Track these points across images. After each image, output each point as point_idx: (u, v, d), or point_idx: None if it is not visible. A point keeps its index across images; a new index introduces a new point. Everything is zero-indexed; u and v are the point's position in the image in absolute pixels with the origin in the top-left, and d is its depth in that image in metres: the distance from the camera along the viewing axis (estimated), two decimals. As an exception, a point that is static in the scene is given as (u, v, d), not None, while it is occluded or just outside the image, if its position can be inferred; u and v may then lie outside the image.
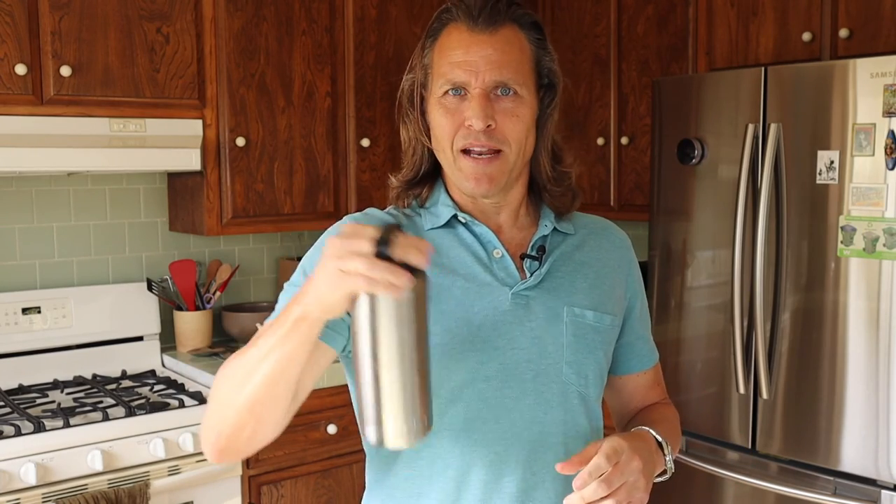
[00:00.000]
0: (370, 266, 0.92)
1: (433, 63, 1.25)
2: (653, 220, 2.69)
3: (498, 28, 1.21)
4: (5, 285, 2.73)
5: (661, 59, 2.93)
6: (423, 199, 1.32)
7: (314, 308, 0.99)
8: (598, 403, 1.32)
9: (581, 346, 1.26)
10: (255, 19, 2.77)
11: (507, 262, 1.27)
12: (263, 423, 1.10)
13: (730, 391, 2.46)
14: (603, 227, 1.39)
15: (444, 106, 1.23)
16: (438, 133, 1.24)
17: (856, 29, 2.40)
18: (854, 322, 2.20)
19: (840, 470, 2.23)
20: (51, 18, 2.41)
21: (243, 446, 1.13)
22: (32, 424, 2.23)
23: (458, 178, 1.25)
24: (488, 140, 1.20)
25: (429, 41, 1.27)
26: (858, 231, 2.16)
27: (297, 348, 1.03)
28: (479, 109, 1.19)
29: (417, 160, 1.30)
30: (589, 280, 1.31)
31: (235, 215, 2.78)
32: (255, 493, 2.57)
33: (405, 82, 1.31)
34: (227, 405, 1.10)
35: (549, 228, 1.30)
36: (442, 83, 1.22)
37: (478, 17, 1.21)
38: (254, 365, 1.05)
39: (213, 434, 1.13)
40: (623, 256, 1.38)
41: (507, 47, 1.21)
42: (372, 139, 3.01)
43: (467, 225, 1.29)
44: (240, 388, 1.07)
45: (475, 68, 1.20)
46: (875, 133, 2.12)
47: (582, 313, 1.27)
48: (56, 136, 2.41)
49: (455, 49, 1.22)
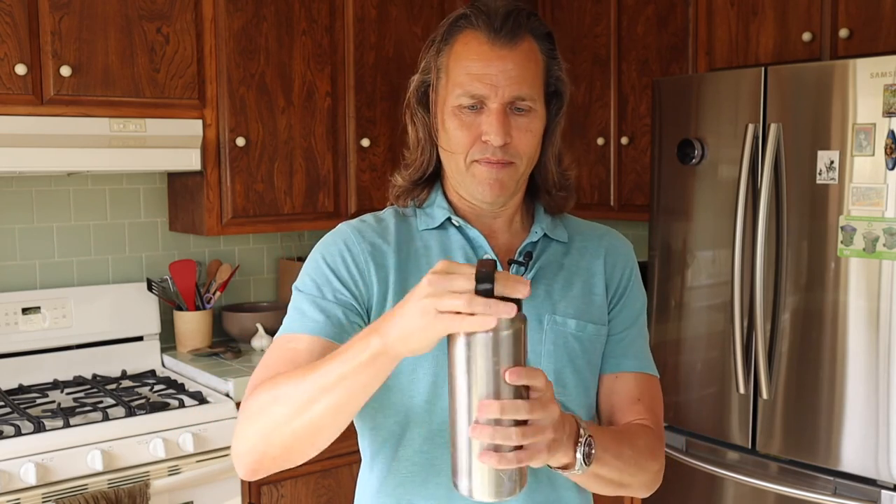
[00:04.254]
0: (470, 304, 0.88)
1: (448, 68, 1.24)
2: (653, 220, 2.69)
3: (517, 43, 1.20)
4: (5, 285, 2.73)
5: (661, 59, 2.93)
6: (422, 199, 1.32)
7: (399, 345, 0.95)
8: (583, 412, 1.28)
9: (560, 355, 1.25)
10: (255, 19, 2.77)
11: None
12: (315, 448, 1.07)
13: (730, 391, 2.46)
14: (601, 233, 1.38)
15: (461, 118, 1.22)
16: (453, 143, 1.23)
17: (856, 29, 2.40)
18: (854, 322, 2.20)
19: (840, 470, 2.23)
20: (51, 18, 2.41)
21: (284, 465, 1.10)
22: (32, 424, 2.23)
23: (469, 183, 1.24)
24: (504, 155, 1.21)
25: (444, 44, 1.25)
26: (858, 231, 2.16)
27: (371, 382, 0.99)
28: (498, 126, 1.19)
29: (425, 161, 1.30)
30: (576, 288, 1.29)
31: (235, 215, 2.78)
32: (255, 493, 2.57)
33: (416, 81, 1.29)
34: (278, 429, 1.05)
35: (538, 235, 1.30)
36: (459, 93, 1.21)
37: (500, 29, 1.19)
38: (319, 392, 1.01)
39: (256, 454, 1.09)
40: (616, 262, 1.34)
41: (525, 62, 1.21)
42: (372, 139, 3.01)
43: (460, 228, 1.29)
44: (298, 413, 1.03)
45: (494, 83, 1.19)
46: (875, 133, 2.12)
47: (564, 321, 1.26)
48: (56, 136, 2.41)
49: (474, 60, 1.20)
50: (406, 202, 1.33)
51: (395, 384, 1.22)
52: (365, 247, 1.26)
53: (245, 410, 1.10)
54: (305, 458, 1.10)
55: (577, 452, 1.07)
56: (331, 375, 1.00)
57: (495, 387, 0.93)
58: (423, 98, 1.28)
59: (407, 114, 1.31)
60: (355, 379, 0.99)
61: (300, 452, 1.08)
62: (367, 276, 1.23)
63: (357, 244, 1.26)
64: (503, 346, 0.93)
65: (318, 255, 1.26)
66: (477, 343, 0.92)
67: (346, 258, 1.24)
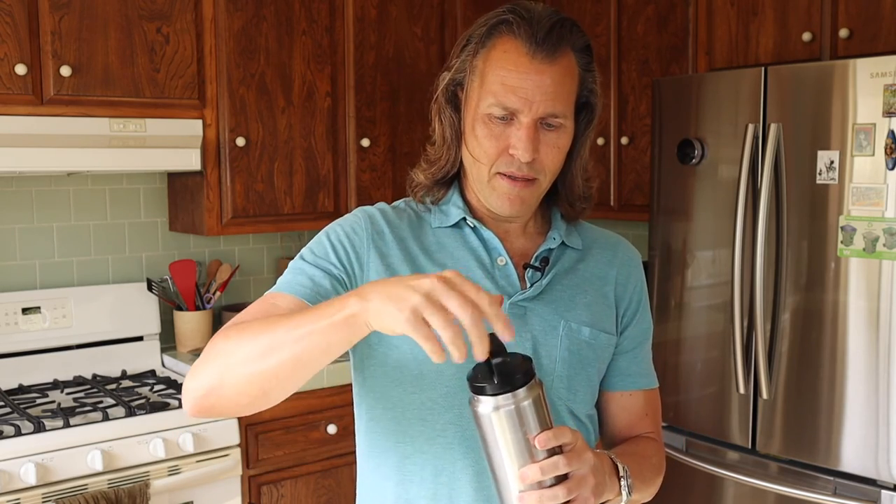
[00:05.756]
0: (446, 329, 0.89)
1: (482, 71, 1.20)
2: (653, 220, 2.69)
3: (557, 57, 1.17)
4: (5, 285, 2.73)
5: (661, 59, 2.93)
6: (439, 197, 1.31)
7: (373, 316, 0.94)
8: (589, 420, 1.30)
9: (574, 362, 1.25)
10: (255, 19, 2.77)
11: (509, 270, 1.26)
12: (264, 398, 1.05)
13: (730, 391, 2.46)
14: (613, 242, 1.37)
15: (489, 128, 1.19)
16: (478, 152, 1.21)
17: (856, 29, 2.40)
18: (854, 322, 2.19)
19: (840, 470, 2.23)
20: (51, 18, 2.41)
21: (230, 411, 1.09)
22: (32, 424, 2.23)
23: (490, 195, 1.23)
24: (529, 171, 1.20)
25: (481, 46, 1.21)
26: (858, 231, 2.16)
27: (337, 343, 0.98)
28: (528, 142, 1.17)
29: (450, 161, 1.28)
30: (589, 296, 1.29)
31: (235, 215, 2.78)
32: (255, 493, 2.57)
33: (447, 79, 1.26)
34: (235, 369, 1.04)
35: (556, 242, 1.29)
36: (491, 102, 1.18)
37: (542, 42, 1.15)
38: (285, 341, 0.99)
39: (204, 389, 1.07)
40: (629, 274, 1.35)
41: (562, 78, 1.18)
42: (372, 139, 3.01)
43: (475, 229, 1.28)
44: (260, 357, 1.01)
45: (529, 97, 1.16)
46: (875, 133, 2.12)
47: (578, 329, 1.26)
48: (56, 136, 2.41)
49: (510, 70, 1.17)
50: (423, 199, 1.32)
51: None
52: (372, 233, 1.26)
53: (208, 348, 1.08)
54: (250, 409, 1.08)
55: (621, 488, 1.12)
56: (301, 328, 0.98)
57: (530, 453, 0.99)
58: (452, 97, 1.26)
59: (434, 109, 1.28)
60: (323, 336, 0.97)
61: (249, 398, 1.05)
62: (363, 261, 1.24)
63: (365, 230, 1.26)
64: (528, 415, 0.98)
65: (325, 230, 1.28)
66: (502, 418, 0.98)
67: (351, 237, 1.25)
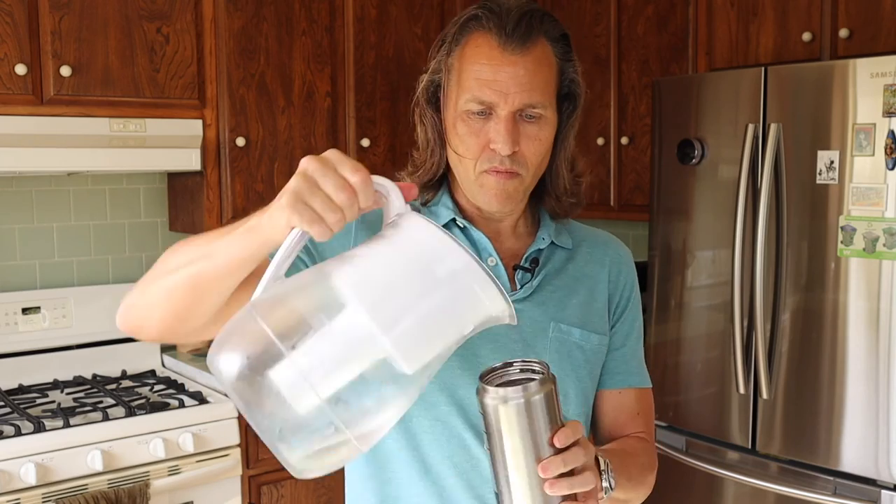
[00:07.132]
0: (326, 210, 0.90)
1: (458, 69, 1.20)
2: (653, 220, 2.69)
3: (529, 47, 1.16)
4: (5, 285, 2.73)
5: (661, 59, 2.93)
6: (428, 199, 1.31)
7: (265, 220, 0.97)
8: (582, 420, 1.27)
9: (564, 364, 1.25)
10: (255, 19, 2.77)
11: (499, 271, 1.25)
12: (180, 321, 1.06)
13: (730, 391, 2.46)
14: (604, 240, 1.37)
15: (469, 125, 1.19)
16: (461, 149, 1.21)
17: (856, 29, 2.40)
18: (854, 322, 2.19)
19: (840, 470, 2.23)
20: (51, 18, 2.41)
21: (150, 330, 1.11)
22: (32, 424, 2.23)
23: (477, 192, 1.23)
24: (511, 164, 1.19)
25: (454, 45, 1.21)
26: (858, 231, 2.16)
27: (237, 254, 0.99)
28: (506, 135, 1.16)
29: (436, 163, 1.27)
30: (581, 296, 1.29)
31: (235, 215, 2.78)
32: (255, 493, 2.57)
33: (425, 81, 1.26)
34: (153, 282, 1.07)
35: (546, 242, 1.29)
36: (468, 98, 1.18)
37: (511, 33, 1.15)
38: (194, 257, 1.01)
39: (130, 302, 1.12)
40: (620, 271, 1.34)
41: (537, 68, 1.17)
42: (372, 139, 3.01)
43: (465, 229, 1.27)
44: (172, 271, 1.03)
45: (504, 89, 1.15)
46: (875, 133, 2.12)
47: (568, 330, 1.26)
48: (56, 136, 2.41)
49: (484, 64, 1.17)
50: (412, 201, 1.32)
51: None
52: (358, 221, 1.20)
53: None
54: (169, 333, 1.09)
55: (603, 481, 1.09)
56: (210, 244, 1.00)
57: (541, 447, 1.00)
58: (432, 98, 1.26)
59: (416, 113, 1.28)
60: (226, 249, 0.98)
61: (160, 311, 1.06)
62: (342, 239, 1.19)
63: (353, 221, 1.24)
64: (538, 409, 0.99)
65: None
66: (518, 411, 0.99)
67: None
